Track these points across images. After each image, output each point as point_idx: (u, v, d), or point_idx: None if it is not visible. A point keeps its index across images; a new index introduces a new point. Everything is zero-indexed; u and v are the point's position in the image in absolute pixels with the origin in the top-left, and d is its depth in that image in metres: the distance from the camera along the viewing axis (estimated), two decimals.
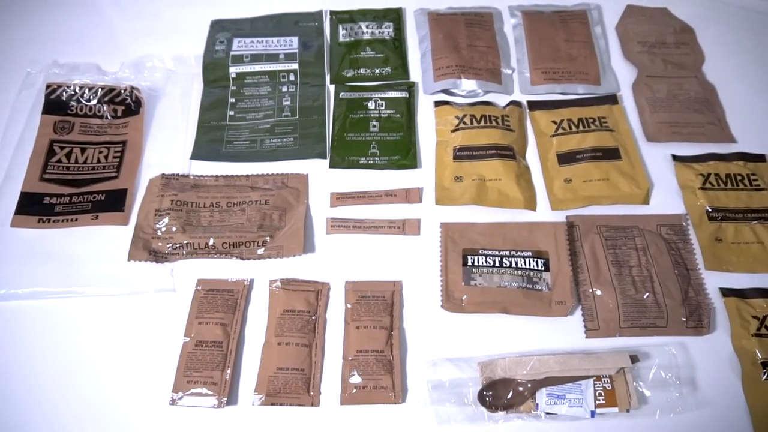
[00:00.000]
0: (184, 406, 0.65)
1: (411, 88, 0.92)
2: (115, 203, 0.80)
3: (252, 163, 0.84)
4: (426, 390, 0.66)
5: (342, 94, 0.91)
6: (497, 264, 0.73)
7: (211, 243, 0.75)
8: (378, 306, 0.71)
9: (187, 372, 0.67)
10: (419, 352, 0.70)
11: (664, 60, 0.95)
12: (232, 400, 0.66)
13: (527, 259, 0.74)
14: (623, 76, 0.94)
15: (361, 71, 0.94)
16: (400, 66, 0.95)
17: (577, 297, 0.72)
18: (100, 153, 0.84)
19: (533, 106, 0.90)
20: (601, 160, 0.83)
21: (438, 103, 0.89)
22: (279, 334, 0.69)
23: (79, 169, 0.82)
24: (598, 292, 0.72)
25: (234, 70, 0.93)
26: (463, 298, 0.72)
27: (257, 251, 0.76)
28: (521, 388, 0.65)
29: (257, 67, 0.93)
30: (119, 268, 0.74)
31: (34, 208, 0.79)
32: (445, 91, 0.92)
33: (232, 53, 0.94)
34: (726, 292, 0.73)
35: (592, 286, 0.72)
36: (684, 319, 0.70)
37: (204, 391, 0.66)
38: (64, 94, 0.87)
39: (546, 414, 0.64)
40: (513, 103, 0.90)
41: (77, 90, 0.88)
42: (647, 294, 0.71)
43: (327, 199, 0.81)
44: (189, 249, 0.75)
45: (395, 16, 1.01)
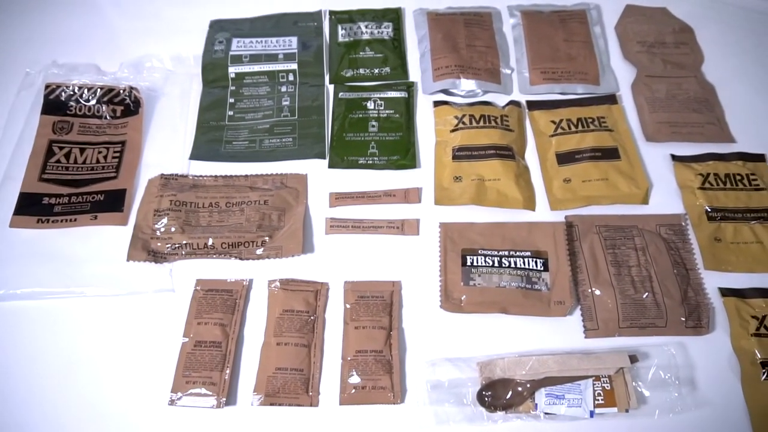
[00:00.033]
0: (183, 406, 0.65)
1: (410, 88, 0.92)
2: (114, 203, 0.80)
3: (251, 164, 0.84)
4: (425, 390, 0.66)
5: (341, 94, 0.91)
6: (496, 264, 0.73)
7: (210, 243, 0.75)
8: (377, 306, 0.71)
9: (186, 372, 0.67)
10: (418, 352, 0.69)
11: (664, 60, 0.95)
12: (231, 401, 0.66)
13: (526, 259, 0.74)
14: (622, 75, 0.94)
15: (360, 71, 0.94)
16: (399, 66, 0.95)
17: (576, 297, 0.72)
18: (99, 153, 0.84)
19: (532, 106, 0.90)
20: (600, 160, 0.83)
21: (437, 103, 0.89)
22: (278, 335, 0.69)
23: (78, 169, 0.82)
24: (597, 292, 0.72)
25: (233, 70, 0.93)
26: (462, 298, 0.72)
27: (256, 251, 0.76)
28: (520, 388, 0.65)
29: (256, 67, 0.93)
30: (118, 268, 0.74)
31: (33, 208, 0.79)
32: (444, 91, 0.91)
33: (231, 53, 0.94)
34: (725, 292, 0.73)
35: (591, 286, 0.72)
36: (683, 319, 0.70)
37: (203, 391, 0.66)
38: (63, 94, 0.87)
39: (545, 414, 0.64)
40: (512, 103, 0.90)
41: (76, 90, 0.88)
42: (646, 294, 0.71)
43: (326, 199, 0.81)
44: (188, 249, 0.75)
45: (394, 16, 1.01)
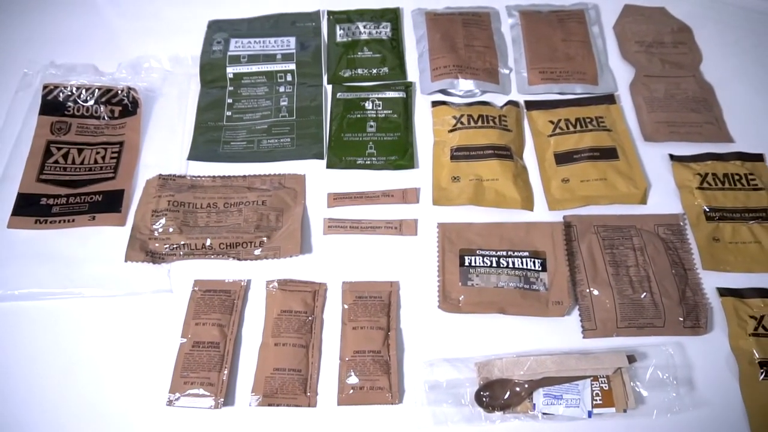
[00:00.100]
0: (181, 407, 0.65)
1: (408, 88, 0.92)
2: (112, 204, 0.80)
3: (249, 164, 0.84)
4: (423, 390, 0.66)
5: (339, 95, 0.91)
6: (494, 264, 0.73)
7: (208, 244, 0.75)
8: (375, 306, 0.71)
9: (184, 373, 0.67)
10: (416, 352, 0.69)
11: (662, 59, 0.95)
12: (229, 401, 0.66)
13: (524, 260, 0.74)
14: (621, 75, 0.94)
15: (359, 71, 0.94)
16: (398, 66, 0.95)
17: (574, 297, 0.72)
18: (97, 154, 0.84)
19: (530, 105, 0.90)
20: (598, 159, 0.83)
21: (435, 103, 0.89)
22: (276, 335, 0.69)
23: (76, 170, 0.82)
24: (595, 292, 0.72)
25: (231, 71, 0.93)
26: (460, 298, 0.72)
27: (254, 252, 0.75)
28: (518, 389, 0.65)
29: (254, 68, 0.93)
30: (116, 268, 0.74)
31: (31, 209, 0.79)
32: (443, 91, 0.91)
33: (230, 54, 0.94)
34: (723, 292, 0.73)
35: (590, 286, 0.72)
36: (681, 318, 0.70)
37: (201, 392, 0.66)
38: (61, 94, 0.87)
39: (543, 414, 0.64)
40: (510, 103, 0.90)
41: (74, 91, 0.88)
42: (644, 294, 0.71)
43: (324, 200, 0.81)
44: (186, 250, 0.75)
45: (393, 16, 1.01)
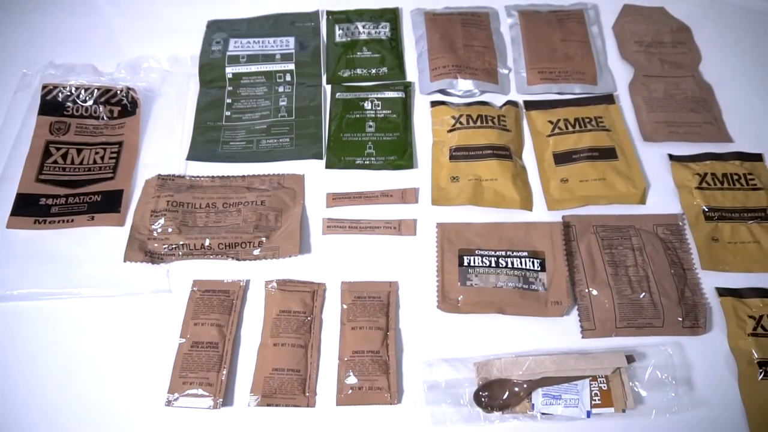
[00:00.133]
0: (180, 407, 0.65)
1: (407, 88, 0.92)
2: (111, 204, 0.80)
3: (248, 164, 0.84)
4: (422, 390, 0.66)
5: (338, 95, 0.91)
6: (493, 264, 0.73)
7: (207, 244, 0.75)
8: (374, 306, 0.71)
9: (183, 373, 0.67)
10: (415, 352, 0.69)
11: (661, 59, 0.95)
12: (228, 401, 0.66)
13: (523, 260, 0.74)
14: (620, 75, 0.94)
15: (358, 71, 0.94)
16: (397, 66, 0.95)
17: (573, 297, 0.72)
18: (96, 154, 0.84)
19: (530, 106, 0.90)
20: (597, 159, 0.83)
21: (434, 103, 0.89)
22: (275, 335, 0.69)
23: (75, 170, 0.82)
24: (594, 292, 0.72)
25: (230, 71, 0.93)
26: (459, 298, 0.72)
27: (253, 252, 0.75)
28: (517, 389, 0.65)
29: (253, 68, 0.93)
30: (115, 269, 0.74)
31: (30, 209, 0.79)
32: (442, 91, 0.91)
33: (229, 54, 0.94)
34: (722, 292, 0.73)
35: (589, 286, 0.72)
36: (680, 318, 0.70)
37: (200, 392, 0.66)
38: (60, 94, 0.87)
39: (542, 414, 0.64)
40: (509, 103, 0.90)
41: (73, 91, 0.88)
42: (643, 294, 0.71)
43: (323, 200, 0.81)
44: (185, 250, 0.75)
45: (392, 16, 1.01)
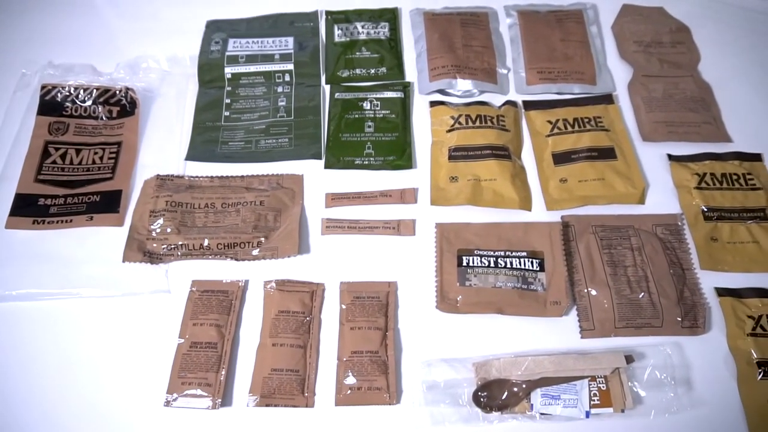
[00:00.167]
0: (179, 407, 0.65)
1: (406, 88, 0.92)
2: (109, 204, 0.79)
3: (247, 164, 0.84)
4: (421, 391, 0.66)
5: (337, 95, 0.91)
6: (492, 264, 0.73)
7: (205, 244, 0.75)
8: (373, 307, 0.71)
9: (182, 373, 0.67)
10: (414, 352, 0.69)
11: (660, 59, 0.95)
12: (227, 402, 0.66)
13: (522, 260, 0.74)
14: (619, 75, 0.94)
15: (357, 71, 0.94)
16: (396, 66, 0.95)
17: (572, 297, 0.72)
18: (95, 154, 0.84)
19: (529, 105, 0.90)
20: (596, 159, 0.83)
21: (433, 103, 0.89)
22: (274, 335, 0.69)
23: (74, 170, 0.82)
24: (593, 292, 0.72)
25: (229, 71, 0.93)
26: (458, 298, 0.72)
27: (252, 252, 0.75)
28: (516, 389, 0.65)
29: (252, 68, 0.93)
30: (114, 269, 0.74)
31: (28, 209, 0.78)
32: (441, 91, 0.91)
33: (228, 54, 0.94)
34: (721, 292, 0.73)
35: (588, 286, 0.72)
36: (679, 318, 0.70)
37: (198, 392, 0.66)
38: (59, 95, 0.87)
39: (541, 414, 0.64)
40: (508, 103, 0.90)
41: (72, 91, 0.88)
42: (642, 294, 0.71)
43: (322, 200, 0.81)
44: (184, 250, 0.75)
45: (391, 16, 1.01)
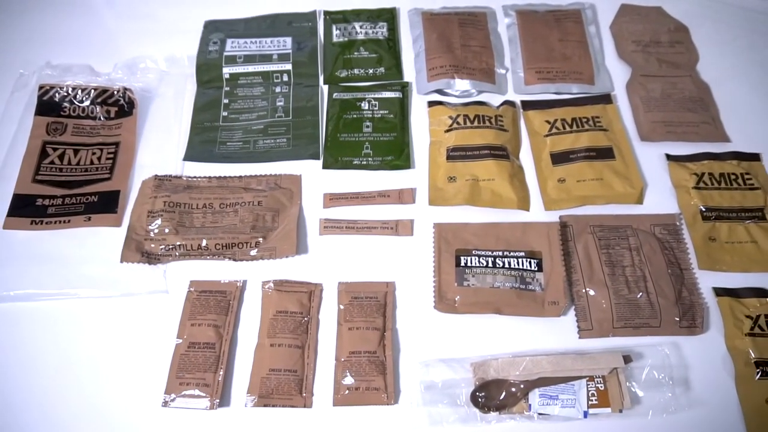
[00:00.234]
0: (177, 407, 0.65)
1: (404, 88, 0.92)
2: (107, 205, 0.79)
3: (245, 164, 0.84)
4: (419, 391, 0.66)
5: (335, 95, 0.91)
6: (490, 264, 0.73)
7: (203, 244, 0.75)
8: (371, 307, 0.71)
9: (180, 374, 0.67)
10: (412, 353, 0.69)
11: (659, 59, 0.95)
12: (225, 402, 0.66)
13: (520, 260, 0.74)
14: (617, 75, 0.94)
15: (355, 71, 0.94)
16: (394, 66, 0.95)
17: (570, 297, 0.72)
18: (93, 154, 0.84)
19: (527, 105, 0.90)
20: (594, 159, 0.83)
21: (431, 104, 0.89)
22: (272, 336, 0.69)
23: (71, 170, 0.82)
24: (591, 292, 0.72)
25: (227, 71, 0.93)
26: (456, 298, 0.71)
27: (250, 252, 0.75)
28: (514, 389, 0.65)
29: (251, 68, 0.93)
30: (112, 269, 0.74)
31: (26, 209, 0.78)
32: (439, 91, 0.91)
33: (226, 54, 0.94)
34: (719, 292, 0.73)
35: (586, 286, 0.72)
36: (677, 318, 0.70)
37: (196, 392, 0.66)
38: (57, 95, 0.87)
39: (539, 415, 0.64)
40: (507, 102, 0.90)
41: (70, 91, 0.87)
42: (640, 294, 0.71)
43: (320, 200, 0.81)
44: (182, 250, 0.75)
45: (389, 16, 1.01)
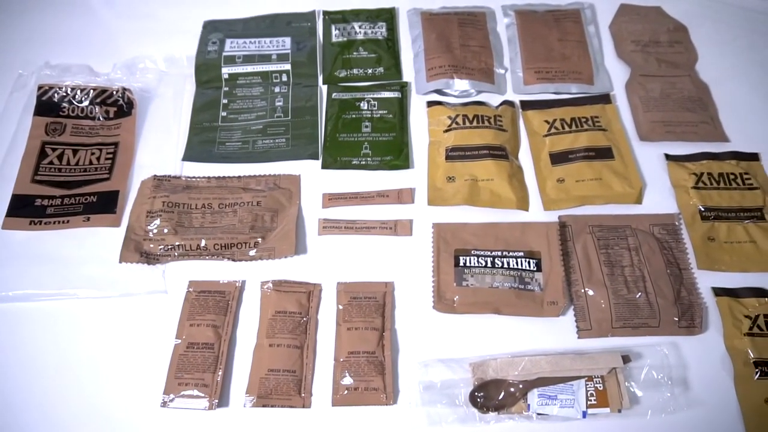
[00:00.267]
0: (176, 408, 0.65)
1: (404, 88, 0.92)
2: (106, 205, 0.79)
3: (244, 165, 0.84)
4: (417, 391, 0.66)
5: (334, 95, 0.91)
6: (489, 264, 0.73)
7: (202, 244, 0.75)
8: (370, 307, 0.71)
9: (179, 374, 0.67)
10: (411, 353, 0.69)
11: (658, 59, 0.95)
12: (224, 402, 0.66)
13: (519, 260, 0.74)
14: (617, 75, 0.94)
15: (354, 71, 0.94)
16: (393, 66, 0.95)
17: (569, 297, 0.72)
18: (92, 155, 0.84)
19: (526, 105, 0.90)
20: (593, 159, 0.83)
21: (430, 104, 0.89)
22: (270, 336, 0.69)
23: (70, 170, 0.82)
24: (590, 292, 0.72)
25: (226, 71, 0.93)
26: (455, 298, 0.71)
27: (249, 252, 0.75)
28: (513, 389, 0.65)
29: (250, 68, 0.93)
30: (111, 269, 0.74)
31: (25, 210, 0.78)
32: (438, 91, 0.91)
33: (225, 54, 0.94)
34: (718, 292, 0.73)
35: (585, 286, 0.72)
36: (676, 318, 0.70)
37: (195, 393, 0.66)
38: (56, 95, 0.87)
39: (537, 415, 0.64)
40: (506, 102, 0.90)
41: (69, 91, 0.87)
42: (639, 294, 0.71)
43: (319, 200, 0.81)
44: (181, 251, 0.75)
45: (388, 16, 1.01)
